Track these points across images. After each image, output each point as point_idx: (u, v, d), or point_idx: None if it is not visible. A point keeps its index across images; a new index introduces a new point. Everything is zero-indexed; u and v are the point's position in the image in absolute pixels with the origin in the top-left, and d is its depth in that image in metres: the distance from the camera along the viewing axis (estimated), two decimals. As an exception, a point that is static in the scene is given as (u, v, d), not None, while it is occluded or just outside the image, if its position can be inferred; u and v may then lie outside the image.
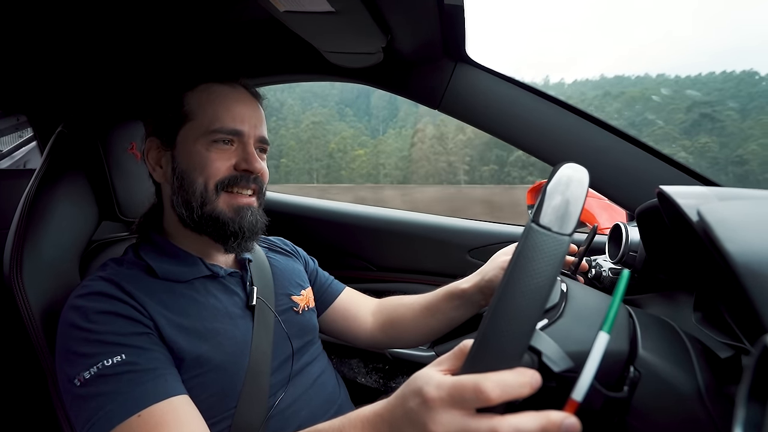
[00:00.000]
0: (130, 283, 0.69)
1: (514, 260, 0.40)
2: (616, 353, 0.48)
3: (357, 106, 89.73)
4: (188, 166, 0.76)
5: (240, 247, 0.79)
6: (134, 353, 0.63)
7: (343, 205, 1.60)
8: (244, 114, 0.78)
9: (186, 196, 0.76)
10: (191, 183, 0.76)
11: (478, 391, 0.38)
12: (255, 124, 0.79)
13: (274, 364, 0.79)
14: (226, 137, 0.76)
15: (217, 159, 0.75)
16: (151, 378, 0.62)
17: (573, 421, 0.37)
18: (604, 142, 0.99)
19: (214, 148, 0.76)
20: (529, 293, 0.38)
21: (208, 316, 0.74)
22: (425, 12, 0.81)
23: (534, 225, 0.40)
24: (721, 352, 0.52)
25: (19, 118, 1.72)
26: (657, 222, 0.68)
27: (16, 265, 0.78)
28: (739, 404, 0.35)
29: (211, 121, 0.75)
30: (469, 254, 1.40)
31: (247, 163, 0.76)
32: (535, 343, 0.42)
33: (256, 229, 0.79)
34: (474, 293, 0.90)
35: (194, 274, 0.78)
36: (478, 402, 0.38)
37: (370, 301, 1.08)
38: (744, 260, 0.40)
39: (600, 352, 0.39)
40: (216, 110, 0.76)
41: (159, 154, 0.80)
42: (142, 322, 0.66)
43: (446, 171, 59.92)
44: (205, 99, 0.77)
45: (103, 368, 0.60)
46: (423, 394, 0.41)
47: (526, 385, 0.38)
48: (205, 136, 0.75)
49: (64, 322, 0.66)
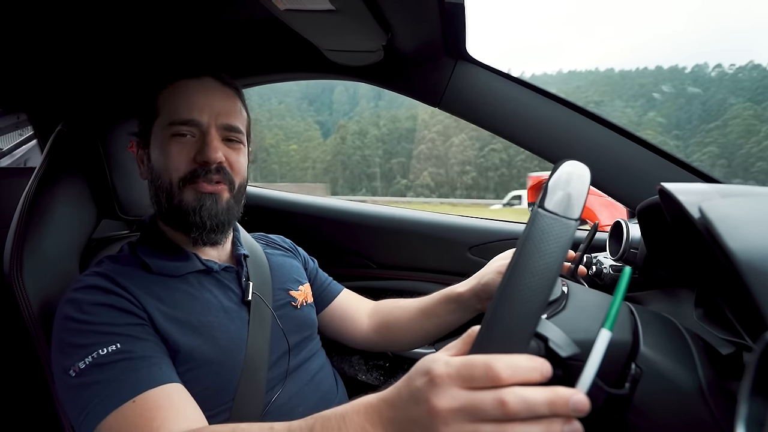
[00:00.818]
0: (124, 278, 0.70)
1: (522, 243, 0.40)
2: (618, 350, 0.48)
3: (321, 101, 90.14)
4: (156, 162, 0.77)
5: (203, 238, 0.77)
6: (129, 342, 0.63)
7: (344, 203, 1.60)
8: (203, 103, 0.76)
9: (156, 191, 0.77)
10: (158, 178, 0.76)
11: (488, 369, 0.37)
12: (218, 112, 0.76)
13: (271, 359, 0.79)
14: (183, 129, 0.75)
15: (178, 153, 0.74)
16: (146, 365, 0.62)
17: (581, 397, 0.36)
18: (605, 139, 0.99)
19: (174, 141, 0.75)
20: (538, 273, 0.38)
21: (202, 310, 0.74)
22: (426, 10, 0.81)
23: (541, 210, 0.41)
24: (722, 348, 0.52)
25: (19, 117, 1.72)
26: (658, 219, 0.68)
27: (16, 263, 0.78)
28: (741, 401, 0.35)
29: (170, 113, 0.75)
30: (469, 251, 1.39)
31: (202, 154, 0.74)
32: (542, 330, 0.43)
33: (217, 219, 0.76)
34: (470, 297, 0.89)
35: (188, 269, 0.78)
36: (487, 381, 0.37)
37: (367, 303, 1.08)
38: (746, 257, 0.40)
39: (602, 349, 0.39)
40: (176, 103, 0.76)
41: (140, 153, 0.81)
42: (136, 313, 0.67)
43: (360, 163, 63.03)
44: (170, 94, 0.77)
45: (98, 357, 0.60)
46: (430, 371, 0.39)
47: (536, 370, 0.37)
48: (166, 129, 0.75)
49: (60, 315, 0.66)
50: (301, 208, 1.60)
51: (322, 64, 1.10)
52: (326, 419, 0.46)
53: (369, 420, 0.43)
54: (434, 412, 0.38)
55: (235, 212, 0.81)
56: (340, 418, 0.45)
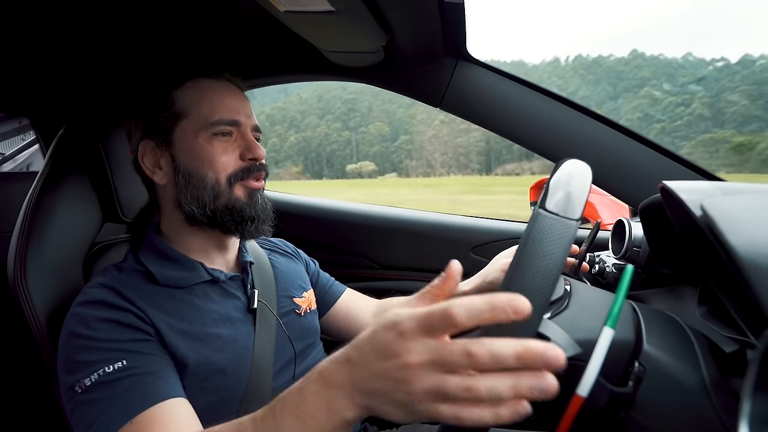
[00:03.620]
0: (130, 291, 0.69)
1: (523, 243, 0.40)
2: (621, 348, 0.48)
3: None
4: (193, 162, 0.76)
5: (257, 230, 0.80)
6: (135, 358, 0.63)
7: (346, 204, 1.60)
8: (237, 105, 0.79)
9: (196, 192, 0.76)
10: (200, 179, 0.76)
11: (445, 315, 0.37)
12: (248, 113, 0.80)
13: (276, 367, 0.79)
14: (226, 128, 0.76)
15: (222, 152, 0.76)
16: (151, 380, 0.62)
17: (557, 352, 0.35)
18: (607, 138, 0.99)
19: (216, 141, 0.76)
20: (539, 274, 0.39)
21: (209, 321, 0.74)
22: (426, 10, 0.81)
23: (542, 210, 0.41)
24: (725, 346, 0.52)
25: (21, 121, 1.72)
26: (660, 217, 0.67)
27: (20, 267, 0.78)
28: (745, 398, 0.35)
29: (208, 114, 0.76)
30: (472, 251, 1.39)
31: (251, 152, 0.77)
32: (544, 330, 0.43)
33: (267, 211, 0.81)
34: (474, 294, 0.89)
35: (194, 280, 0.77)
36: (447, 326, 0.37)
37: (370, 302, 1.09)
38: (748, 254, 0.40)
39: (605, 347, 0.39)
40: (212, 103, 0.76)
41: (156, 156, 0.79)
42: (143, 329, 0.67)
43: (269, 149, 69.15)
44: (197, 94, 0.77)
45: (104, 375, 0.60)
46: (398, 324, 0.39)
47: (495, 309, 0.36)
48: (206, 129, 0.75)
49: (66, 330, 0.66)
50: (305, 210, 1.60)
51: (322, 65, 1.10)
52: (285, 397, 0.46)
53: (324, 383, 0.43)
54: (405, 365, 0.38)
55: (270, 202, 0.85)
56: (297, 392, 0.45)
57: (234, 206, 0.77)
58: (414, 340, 0.38)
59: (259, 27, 1.10)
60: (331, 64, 1.07)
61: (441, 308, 0.37)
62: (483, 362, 0.36)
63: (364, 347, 0.42)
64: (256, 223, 0.79)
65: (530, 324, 0.38)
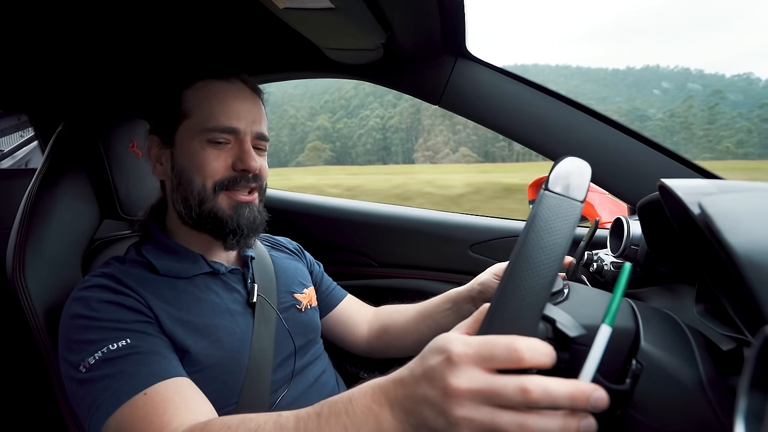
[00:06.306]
0: (131, 279, 0.70)
1: (531, 221, 0.41)
2: (619, 346, 0.48)
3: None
4: (186, 164, 0.76)
5: (239, 243, 0.79)
6: (138, 338, 0.63)
7: (345, 202, 1.60)
8: (240, 111, 0.77)
9: (184, 194, 0.76)
10: (189, 182, 0.76)
11: (511, 350, 0.36)
12: (252, 120, 0.78)
13: (276, 361, 0.79)
14: (221, 136, 0.75)
15: (214, 158, 0.75)
16: (156, 359, 0.62)
17: (602, 394, 0.36)
18: (605, 136, 0.98)
19: (210, 147, 0.75)
20: (547, 248, 0.39)
21: (208, 312, 0.75)
22: (425, 7, 0.81)
23: (547, 191, 0.42)
24: (723, 344, 0.52)
25: (20, 118, 1.72)
26: (658, 215, 0.67)
27: (19, 264, 0.79)
28: (741, 395, 0.35)
29: (206, 118, 0.75)
30: (470, 249, 1.40)
31: (243, 162, 0.76)
32: (548, 313, 0.43)
33: (254, 225, 0.79)
34: (465, 299, 0.89)
35: (195, 271, 0.78)
36: (509, 361, 0.36)
37: (368, 309, 1.09)
38: (745, 252, 0.40)
39: (602, 345, 0.39)
40: (212, 107, 0.75)
41: (159, 151, 0.80)
42: (144, 312, 0.67)
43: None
44: (202, 96, 0.76)
45: (108, 352, 0.61)
46: (447, 350, 0.38)
47: (550, 356, 0.37)
48: (201, 134, 0.75)
49: (67, 313, 0.67)
50: (304, 208, 1.60)
51: (322, 63, 1.10)
52: (333, 403, 0.45)
53: (375, 400, 0.42)
54: (450, 392, 0.37)
55: (264, 215, 0.83)
56: (346, 400, 0.44)
57: (216, 215, 0.76)
58: (464, 367, 0.37)
59: (258, 24, 1.09)
60: (330, 62, 1.07)
61: (506, 340, 0.37)
62: (537, 400, 0.35)
63: (416, 370, 0.41)
64: (238, 237, 0.78)
65: (538, 298, 0.39)
